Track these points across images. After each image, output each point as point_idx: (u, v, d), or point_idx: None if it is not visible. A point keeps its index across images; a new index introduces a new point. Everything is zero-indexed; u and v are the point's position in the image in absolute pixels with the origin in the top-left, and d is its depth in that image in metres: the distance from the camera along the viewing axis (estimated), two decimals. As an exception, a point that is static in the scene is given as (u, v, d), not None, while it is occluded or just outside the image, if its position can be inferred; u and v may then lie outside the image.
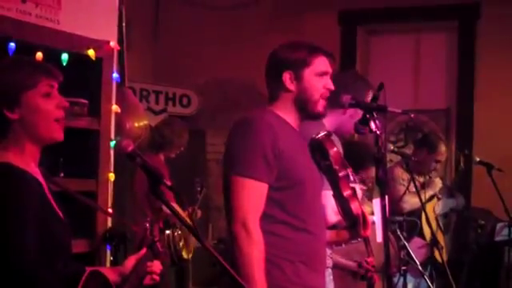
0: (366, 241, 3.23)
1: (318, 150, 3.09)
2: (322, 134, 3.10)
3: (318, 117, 3.12)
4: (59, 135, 2.48)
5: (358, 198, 3.15)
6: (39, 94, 2.42)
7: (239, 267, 2.80)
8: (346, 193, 3.09)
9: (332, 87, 3.06)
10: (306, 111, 3.06)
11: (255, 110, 3.08)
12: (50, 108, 2.44)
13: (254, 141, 2.91)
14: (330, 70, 3.09)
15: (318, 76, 3.04)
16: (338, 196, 3.10)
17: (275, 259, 2.91)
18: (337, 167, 3.07)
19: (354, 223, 3.13)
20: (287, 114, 3.06)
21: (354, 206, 3.09)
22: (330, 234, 3.25)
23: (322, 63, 3.06)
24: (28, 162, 2.43)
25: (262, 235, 2.87)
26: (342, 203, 3.10)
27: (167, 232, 5.54)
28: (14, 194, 2.29)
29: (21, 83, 2.41)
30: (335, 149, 3.09)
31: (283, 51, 3.09)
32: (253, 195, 2.89)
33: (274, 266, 2.91)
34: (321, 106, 3.05)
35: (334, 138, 3.33)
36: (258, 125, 2.94)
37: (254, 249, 2.83)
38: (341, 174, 3.08)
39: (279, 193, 2.94)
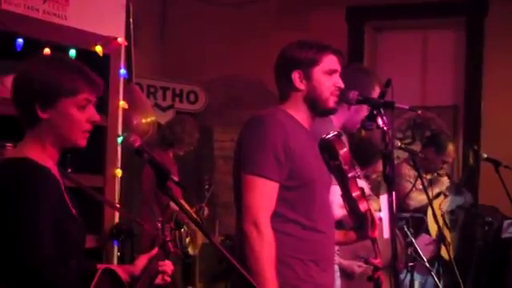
0: (374, 241, 3.22)
1: (328, 150, 3.09)
2: (332, 134, 3.10)
3: (329, 113, 3.13)
4: (82, 143, 2.49)
5: (366, 199, 3.15)
6: (76, 103, 2.42)
7: (250, 266, 2.80)
8: (355, 193, 3.09)
9: (342, 85, 3.06)
10: (317, 109, 3.06)
11: (267, 108, 3.08)
12: (81, 120, 2.44)
13: (265, 140, 2.91)
14: (339, 67, 3.08)
15: (328, 74, 3.04)
16: (346, 196, 3.10)
17: (286, 258, 2.92)
18: (346, 167, 3.07)
19: (361, 223, 3.14)
20: (298, 113, 3.06)
21: (363, 207, 3.09)
22: (337, 235, 3.25)
23: (330, 61, 3.06)
24: (47, 158, 2.43)
25: (274, 234, 2.87)
26: (351, 203, 3.11)
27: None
28: (32, 188, 2.30)
29: (62, 88, 2.40)
30: (345, 149, 3.09)
31: (292, 50, 3.08)
32: (264, 194, 2.89)
33: (285, 265, 2.91)
34: (332, 101, 3.06)
35: (344, 138, 3.32)
36: (269, 124, 2.94)
37: (265, 248, 2.84)
38: (350, 175, 3.08)
39: (290, 192, 2.94)
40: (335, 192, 3.16)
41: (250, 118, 3.03)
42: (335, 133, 3.12)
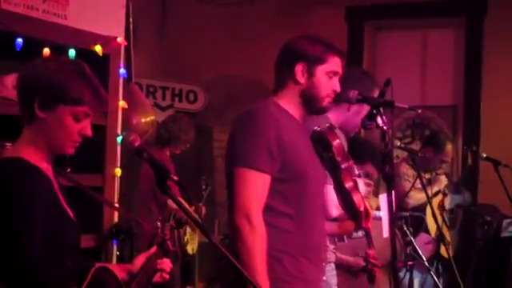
0: (368, 232, 3.23)
1: (320, 142, 3.09)
2: (324, 126, 3.11)
3: (321, 112, 3.13)
4: (70, 151, 2.49)
5: (359, 190, 3.14)
6: (73, 113, 2.42)
7: (242, 259, 2.80)
8: (348, 185, 3.09)
9: (338, 89, 3.07)
10: (311, 106, 3.07)
11: (259, 101, 3.07)
12: (73, 130, 2.44)
13: (257, 133, 2.91)
14: (340, 71, 3.09)
15: (329, 75, 3.04)
16: (339, 188, 3.10)
17: (276, 253, 2.91)
18: (339, 159, 3.08)
19: (355, 215, 3.13)
20: (291, 106, 3.06)
21: (356, 198, 3.10)
22: (331, 227, 3.24)
23: (335, 64, 3.06)
24: (40, 159, 2.44)
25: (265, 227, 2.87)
26: (344, 195, 3.11)
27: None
28: (23, 188, 2.30)
29: (66, 95, 2.40)
30: (338, 141, 3.09)
31: (301, 42, 3.07)
32: (256, 187, 2.89)
33: (275, 260, 2.91)
34: (326, 101, 3.06)
35: (338, 131, 3.33)
36: (261, 117, 2.95)
37: (257, 241, 2.83)
38: (343, 166, 3.09)
39: (282, 184, 2.94)
40: (331, 191, 3.16)
41: (242, 112, 3.03)
42: (328, 125, 3.12)
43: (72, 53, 3.75)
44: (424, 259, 4.58)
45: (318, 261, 3.09)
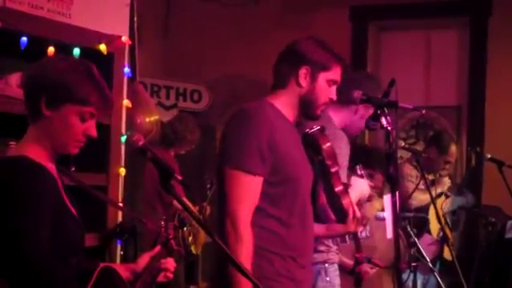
0: (356, 236, 3.23)
1: (311, 144, 3.09)
2: (315, 128, 3.10)
3: (313, 119, 3.12)
4: (74, 151, 2.49)
5: (349, 194, 3.14)
6: (79, 113, 2.42)
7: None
8: (338, 188, 3.10)
9: (335, 98, 3.08)
10: (307, 111, 3.06)
11: (254, 101, 3.05)
12: (78, 130, 2.44)
13: (250, 134, 2.89)
14: (339, 81, 3.09)
15: (329, 83, 3.04)
16: (328, 191, 3.10)
17: (265, 253, 2.91)
18: (329, 162, 3.08)
19: (343, 219, 3.13)
20: (286, 107, 3.04)
21: (345, 202, 3.10)
22: (319, 229, 3.23)
23: (337, 73, 3.07)
24: (45, 158, 2.44)
25: (253, 228, 2.86)
26: (333, 198, 3.11)
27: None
28: (28, 187, 2.30)
29: (73, 94, 2.40)
30: (328, 144, 3.09)
31: (310, 46, 3.06)
32: (248, 189, 2.87)
33: (264, 259, 2.90)
34: (320, 110, 3.07)
35: (341, 132, 3.33)
36: (256, 117, 2.92)
37: (242, 246, 2.82)
38: (333, 170, 3.09)
39: (272, 187, 2.92)
40: None
41: (236, 111, 3.00)
42: (318, 127, 3.11)
43: (76, 51, 3.75)
44: (428, 260, 4.57)
45: (307, 262, 3.08)
